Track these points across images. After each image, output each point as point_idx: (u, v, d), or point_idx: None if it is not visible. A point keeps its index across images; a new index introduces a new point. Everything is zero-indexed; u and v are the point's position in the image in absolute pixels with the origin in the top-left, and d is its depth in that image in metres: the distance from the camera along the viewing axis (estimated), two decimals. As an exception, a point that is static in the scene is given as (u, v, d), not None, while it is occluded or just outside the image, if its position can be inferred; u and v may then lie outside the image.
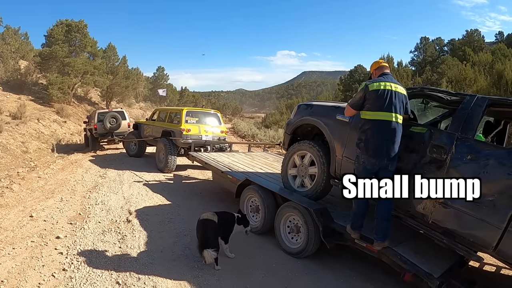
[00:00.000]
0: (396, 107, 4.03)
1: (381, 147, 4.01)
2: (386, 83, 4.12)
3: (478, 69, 22.85)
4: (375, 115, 4.07)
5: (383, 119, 4.02)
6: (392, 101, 4.03)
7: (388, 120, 4.01)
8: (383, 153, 4.00)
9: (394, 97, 4.04)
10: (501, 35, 45.00)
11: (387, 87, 4.07)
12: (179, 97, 58.30)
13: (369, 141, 4.08)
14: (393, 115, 4.01)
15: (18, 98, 21.98)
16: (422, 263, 3.98)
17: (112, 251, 5.24)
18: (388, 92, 4.05)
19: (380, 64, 4.43)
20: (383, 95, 4.05)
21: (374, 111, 4.09)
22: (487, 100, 3.84)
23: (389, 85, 4.09)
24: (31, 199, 7.68)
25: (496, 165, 3.45)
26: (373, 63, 4.53)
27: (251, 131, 27.67)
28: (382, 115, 4.02)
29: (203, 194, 8.76)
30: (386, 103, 4.03)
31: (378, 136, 4.04)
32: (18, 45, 31.95)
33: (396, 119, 4.02)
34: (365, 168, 4.13)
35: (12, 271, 4.51)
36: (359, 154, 4.19)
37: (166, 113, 12.54)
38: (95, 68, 28.77)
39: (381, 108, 4.04)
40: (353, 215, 4.36)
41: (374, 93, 4.10)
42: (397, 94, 4.07)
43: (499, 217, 3.33)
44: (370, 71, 4.59)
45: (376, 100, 4.08)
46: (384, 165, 4.03)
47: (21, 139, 14.42)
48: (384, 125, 4.02)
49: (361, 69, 42.61)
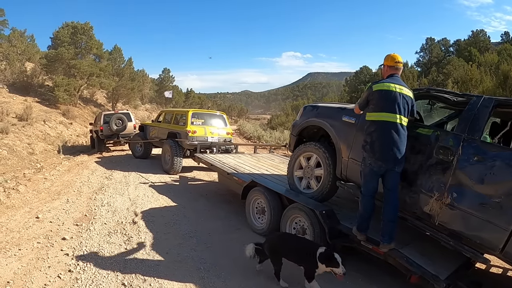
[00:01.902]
0: (400, 109, 3.98)
1: (387, 149, 3.97)
2: (390, 84, 4.07)
3: (484, 70, 22.72)
4: (378, 116, 4.04)
5: (386, 120, 3.99)
6: (396, 102, 3.98)
7: (392, 121, 3.97)
8: (389, 156, 3.96)
9: (399, 99, 3.99)
10: (507, 35, 44.79)
11: (391, 88, 4.03)
12: (184, 98, 58.39)
13: (374, 143, 4.06)
14: (397, 117, 3.97)
15: (24, 100, 22.14)
16: (428, 265, 3.96)
17: (118, 252, 5.25)
18: (392, 93, 4.01)
19: (394, 63, 4.25)
20: (386, 96, 4.02)
21: (377, 112, 4.06)
22: (493, 101, 3.81)
23: (393, 86, 4.04)
24: (37, 201, 7.73)
25: (503, 166, 3.42)
26: (388, 57, 4.31)
27: (257, 133, 27.69)
28: (386, 116, 3.99)
29: (209, 195, 8.76)
30: (389, 103, 3.99)
31: (383, 138, 4.00)
32: (24, 47, 32.18)
33: (401, 120, 3.98)
34: (372, 171, 4.11)
35: (18, 272, 4.54)
36: (366, 156, 4.16)
37: (172, 114, 12.56)
38: (101, 70, 28.92)
39: (384, 109, 4.01)
40: (359, 217, 4.34)
41: (377, 94, 4.08)
42: (402, 96, 4.02)
43: (506, 219, 3.31)
44: (382, 63, 4.37)
45: (379, 100, 4.07)
46: (391, 167, 4.01)
47: (27, 141, 14.51)
48: (388, 126, 3.98)
49: (366, 70, 42.55)
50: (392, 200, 4.08)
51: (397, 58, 4.25)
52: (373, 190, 4.19)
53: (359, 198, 4.35)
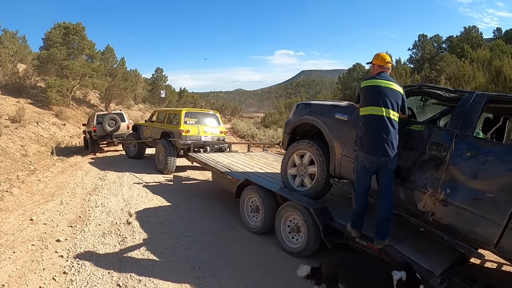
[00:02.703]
0: (387, 103, 4.01)
1: (374, 142, 4.00)
2: (378, 79, 4.15)
3: (476, 66, 22.81)
4: (366, 110, 4.12)
5: (373, 113, 4.04)
6: (382, 96, 4.03)
7: (379, 114, 4.00)
8: (378, 149, 3.98)
9: (385, 93, 4.05)
10: (499, 31, 45.09)
11: (378, 83, 4.11)
12: (178, 98, 58.26)
13: (363, 137, 4.11)
14: (384, 110, 4.00)
15: (17, 102, 21.97)
16: (423, 261, 3.96)
17: (113, 253, 5.23)
18: (379, 88, 4.08)
19: (385, 63, 4.30)
20: (374, 90, 4.10)
21: (365, 107, 4.14)
22: (486, 97, 3.83)
23: (381, 82, 4.11)
24: (31, 203, 7.68)
25: (496, 161, 3.44)
26: (378, 56, 4.34)
27: (251, 131, 27.66)
28: (372, 109, 4.05)
29: (203, 195, 8.75)
30: (375, 97, 4.06)
31: (371, 131, 4.05)
32: (16, 49, 31.96)
33: (388, 114, 4.00)
34: (364, 167, 4.12)
35: (13, 274, 4.50)
36: (357, 151, 4.20)
37: (165, 114, 12.54)
38: (93, 70, 28.79)
39: (371, 103, 4.08)
40: (353, 213, 4.35)
41: (365, 89, 4.19)
42: (390, 90, 4.07)
43: (500, 214, 3.32)
44: (371, 61, 4.39)
45: (366, 95, 4.16)
46: (383, 163, 4.01)
47: (21, 143, 14.42)
48: (375, 119, 4.03)
49: (359, 67, 42.67)
50: (386, 198, 4.09)
51: (387, 59, 4.34)
52: (366, 187, 4.20)
53: (353, 195, 4.36)
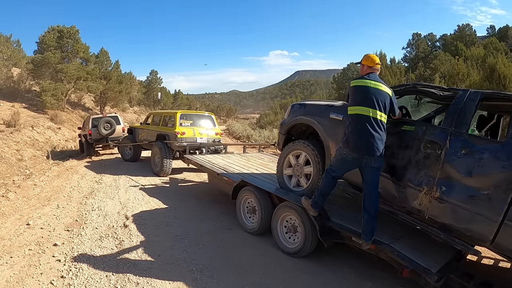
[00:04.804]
0: (374, 103, 4.05)
1: (359, 141, 4.05)
2: (367, 80, 4.19)
3: (470, 64, 22.95)
4: (353, 110, 4.16)
5: (359, 113, 4.08)
6: (369, 97, 4.07)
7: (365, 114, 4.05)
8: (361, 148, 4.05)
9: (373, 93, 4.08)
10: (493, 29, 45.33)
11: (366, 84, 4.15)
12: (173, 100, 58.13)
13: (349, 136, 4.16)
14: (370, 110, 4.04)
15: (12, 106, 21.85)
16: (420, 258, 3.99)
17: (110, 256, 5.21)
18: (367, 88, 4.12)
19: (375, 64, 4.34)
20: (362, 90, 4.14)
21: (353, 106, 4.18)
22: (480, 94, 3.85)
23: (369, 82, 4.15)
24: (28, 207, 7.64)
25: (491, 158, 3.46)
26: (368, 57, 4.38)
27: (246, 132, 27.67)
28: (359, 109, 4.09)
29: (200, 196, 8.74)
30: (362, 98, 4.11)
31: (356, 130, 4.10)
32: (10, 53, 31.78)
33: (375, 114, 4.03)
34: (343, 159, 4.24)
35: (11, 280, 4.48)
36: (341, 146, 4.26)
37: (160, 116, 12.52)
38: (88, 74, 28.66)
39: (359, 103, 4.12)
40: (318, 192, 4.53)
41: (354, 89, 4.24)
42: (377, 91, 4.10)
43: (495, 211, 3.35)
44: (361, 62, 4.45)
45: (353, 95, 4.22)
46: (365, 162, 4.09)
47: (16, 147, 14.34)
48: (362, 119, 4.06)
49: (354, 67, 42.73)
50: (371, 195, 4.18)
51: (377, 60, 4.39)
52: (337, 174, 4.42)
53: (323, 175, 4.54)
